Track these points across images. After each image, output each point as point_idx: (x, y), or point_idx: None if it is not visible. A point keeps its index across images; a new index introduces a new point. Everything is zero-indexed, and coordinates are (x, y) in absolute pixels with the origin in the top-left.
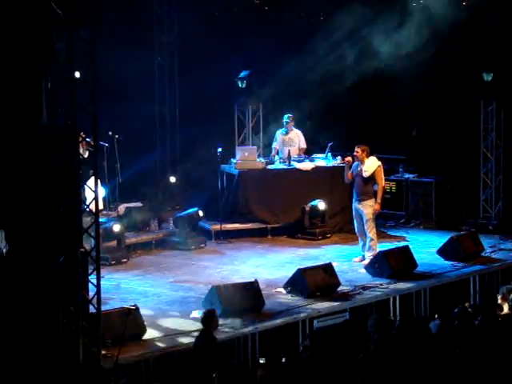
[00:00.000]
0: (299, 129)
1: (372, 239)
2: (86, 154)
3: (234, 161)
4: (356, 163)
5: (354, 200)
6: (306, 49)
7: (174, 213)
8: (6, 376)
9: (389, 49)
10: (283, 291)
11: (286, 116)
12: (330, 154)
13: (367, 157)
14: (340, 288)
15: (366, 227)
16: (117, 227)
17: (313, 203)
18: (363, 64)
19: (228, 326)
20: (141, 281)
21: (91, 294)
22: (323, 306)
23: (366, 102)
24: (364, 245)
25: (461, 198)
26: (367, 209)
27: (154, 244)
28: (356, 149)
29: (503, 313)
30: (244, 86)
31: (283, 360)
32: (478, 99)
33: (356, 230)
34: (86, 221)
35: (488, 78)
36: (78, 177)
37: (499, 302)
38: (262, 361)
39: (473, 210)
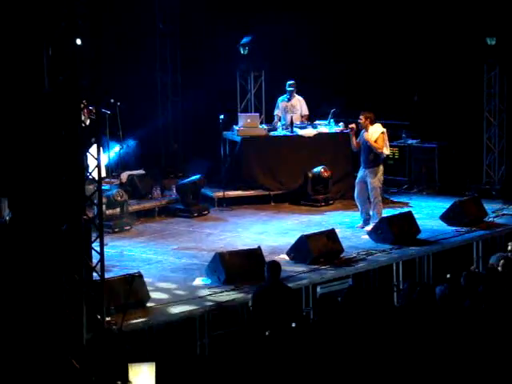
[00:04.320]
0: (301, 95)
1: (376, 207)
2: (88, 122)
3: (237, 128)
4: (363, 130)
5: (361, 167)
6: (308, 14)
7: (176, 180)
8: (9, 345)
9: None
10: (286, 258)
11: (288, 83)
12: (332, 120)
13: (371, 124)
14: (343, 254)
15: (371, 195)
16: (120, 195)
17: (316, 170)
18: (365, 29)
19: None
20: (144, 248)
21: (95, 261)
22: (326, 272)
23: (368, 68)
24: (362, 211)
25: (464, 164)
26: (373, 177)
27: (157, 211)
28: (360, 116)
29: None
30: (246, 52)
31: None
32: (481, 64)
33: (355, 197)
34: (89, 188)
35: (491, 42)
36: (81, 144)
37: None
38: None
39: (476, 175)
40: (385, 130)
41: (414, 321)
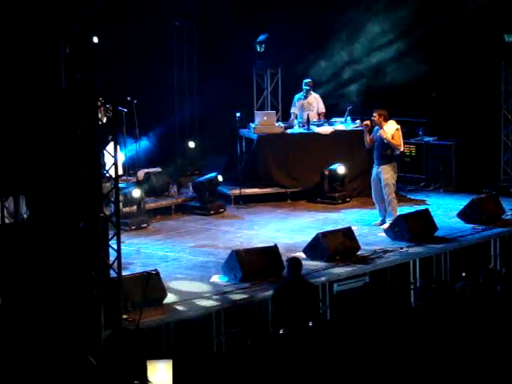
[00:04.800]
0: (318, 93)
1: (390, 204)
2: (105, 120)
3: (253, 125)
4: (376, 127)
5: (374, 164)
6: (325, 11)
7: (193, 178)
8: (27, 342)
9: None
10: (303, 255)
11: (304, 81)
12: (349, 117)
13: (385, 121)
14: (360, 252)
15: (384, 192)
16: (136, 192)
17: (332, 167)
18: (381, 27)
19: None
20: (161, 246)
21: (112, 259)
22: (343, 269)
23: (386, 64)
24: (381, 209)
25: (481, 161)
26: (386, 174)
27: (174, 209)
28: (373, 113)
29: None
30: (262, 49)
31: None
32: (498, 61)
33: (372, 195)
34: (106, 186)
35: (509, 39)
36: (98, 142)
37: None
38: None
39: (493, 172)
40: (399, 126)
41: (429, 319)
